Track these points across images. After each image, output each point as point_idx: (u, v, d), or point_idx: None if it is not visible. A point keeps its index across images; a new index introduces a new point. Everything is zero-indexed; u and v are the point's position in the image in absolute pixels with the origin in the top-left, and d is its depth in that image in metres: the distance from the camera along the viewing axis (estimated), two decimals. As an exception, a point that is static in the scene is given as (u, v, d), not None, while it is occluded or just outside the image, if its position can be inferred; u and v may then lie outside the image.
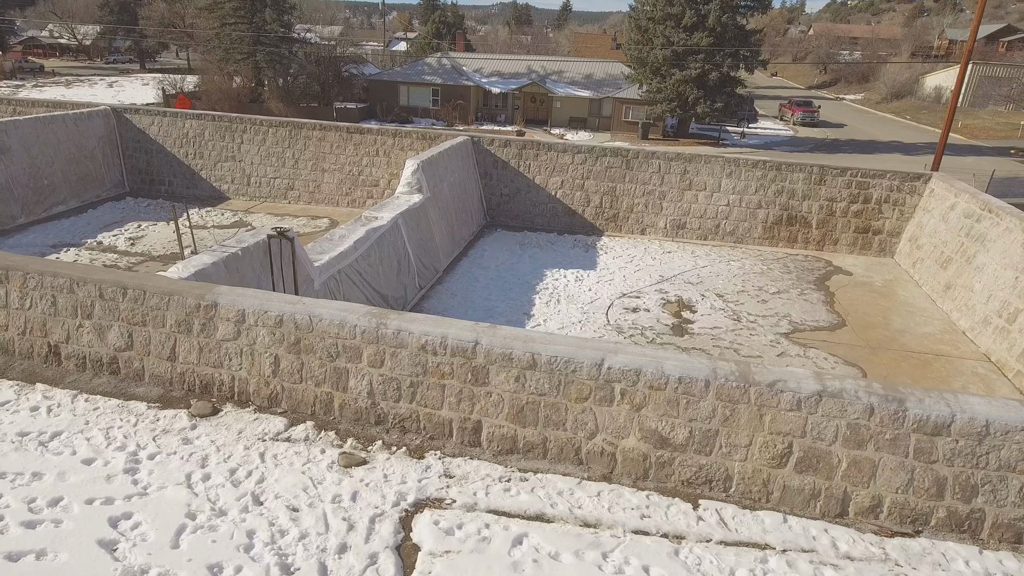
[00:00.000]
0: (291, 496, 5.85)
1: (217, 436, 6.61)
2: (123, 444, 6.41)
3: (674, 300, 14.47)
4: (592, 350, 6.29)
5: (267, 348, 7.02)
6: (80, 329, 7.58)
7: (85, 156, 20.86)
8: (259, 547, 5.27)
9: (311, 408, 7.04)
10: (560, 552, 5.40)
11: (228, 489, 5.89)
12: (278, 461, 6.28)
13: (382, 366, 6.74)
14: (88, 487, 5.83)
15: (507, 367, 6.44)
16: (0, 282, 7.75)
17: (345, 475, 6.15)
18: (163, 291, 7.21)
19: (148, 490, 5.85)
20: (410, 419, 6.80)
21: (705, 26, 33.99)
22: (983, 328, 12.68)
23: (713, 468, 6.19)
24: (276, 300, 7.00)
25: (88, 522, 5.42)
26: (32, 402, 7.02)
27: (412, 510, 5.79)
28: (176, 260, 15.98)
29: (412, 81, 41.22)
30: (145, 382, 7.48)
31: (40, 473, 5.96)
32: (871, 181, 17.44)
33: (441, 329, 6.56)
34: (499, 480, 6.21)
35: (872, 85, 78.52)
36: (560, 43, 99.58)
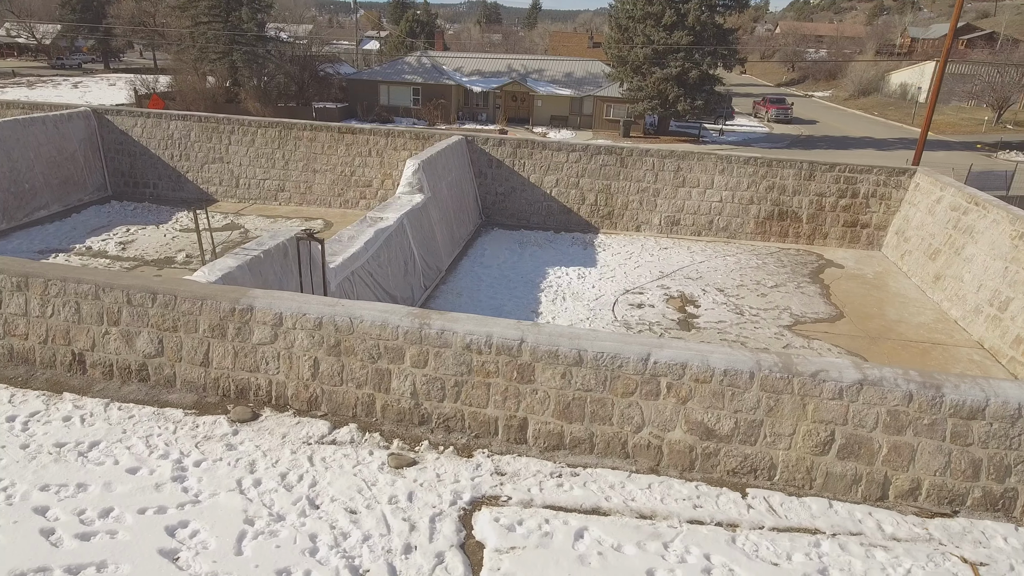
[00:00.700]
0: (347, 499, 5.83)
1: (261, 441, 6.54)
2: (166, 452, 6.30)
3: (677, 295, 14.70)
4: (638, 345, 6.40)
5: (306, 351, 6.96)
6: (106, 336, 7.41)
7: (66, 159, 20.25)
8: (324, 550, 5.25)
9: (352, 410, 7.01)
10: (622, 544, 5.50)
11: (282, 494, 5.85)
12: (328, 464, 6.25)
13: (425, 366, 6.75)
14: (138, 496, 5.72)
15: (553, 364, 6.51)
16: (19, 289, 7.53)
17: (397, 476, 6.15)
18: (195, 296, 7.09)
19: (200, 497, 5.77)
20: (455, 418, 6.82)
21: (685, 24, 34.49)
22: (975, 317, 13.19)
23: (758, 457, 6.36)
24: (314, 303, 6.95)
25: (145, 532, 5.33)
26: (63, 412, 6.85)
27: (469, 508, 5.83)
28: (170, 264, 15.67)
29: (392, 80, 40.92)
30: (177, 388, 7.35)
31: (84, 484, 5.83)
32: (858, 176, 17.96)
33: (486, 328, 6.60)
34: (551, 476, 6.28)
35: (839, 82, 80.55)
36: (535, 41, 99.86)
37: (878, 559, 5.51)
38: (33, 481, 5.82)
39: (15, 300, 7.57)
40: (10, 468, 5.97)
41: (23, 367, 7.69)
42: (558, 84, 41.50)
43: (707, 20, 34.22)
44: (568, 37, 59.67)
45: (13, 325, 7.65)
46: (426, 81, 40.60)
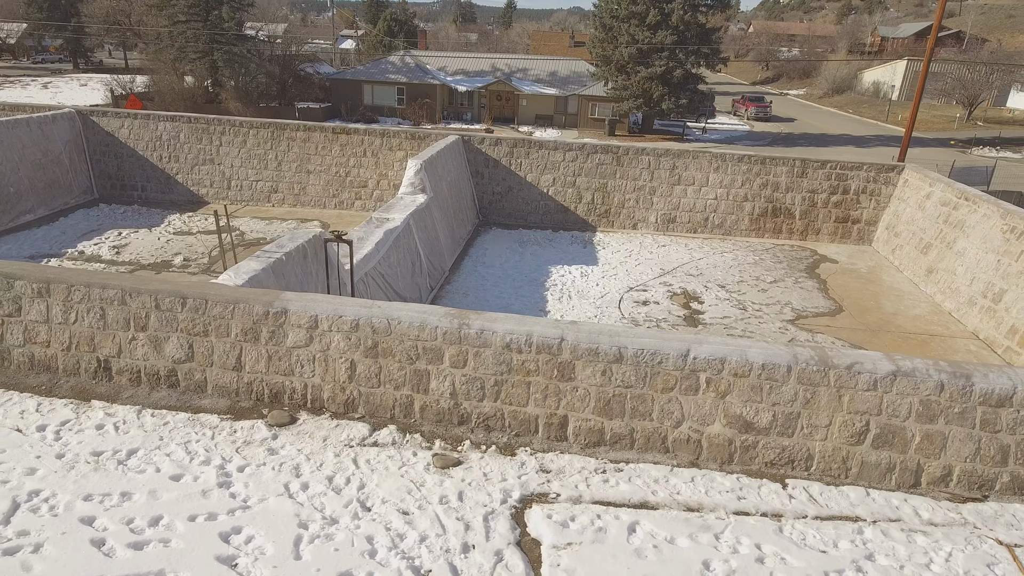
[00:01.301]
0: (397, 500, 5.83)
1: (303, 445, 6.50)
2: (207, 458, 6.22)
3: (680, 292, 14.91)
4: (677, 341, 6.51)
5: (342, 353, 6.93)
6: (133, 342, 7.28)
7: (51, 162, 19.74)
8: (383, 552, 5.26)
9: (391, 412, 7.00)
10: (675, 537, 5.59)
11: (332, 497, 5.82)
12: (373, 466, 6.24)
13: (465, 366, 6.77)
14: (185, 504, 5.65)
15: (593, 362, 6.59)
16: (40, 296, 7.36)
17: (444, 476, 6.17)
18: (227, 299, 7.01)
19: (249, 502, 5.72)
20: (495, 417, 6.85)
21: (669, 24, 34.87)
22: (969, 308, 13.62)
23: (795, 449, 6.52)
24: (350, 304, 6.92)
25: (199, 539, 5.27)
26: (95, 420, 6.72)
27: (520, 506, 5.87)
28: (167, 268, 15.40)
29: (376, 80, 40.63)
30: (208, 394, 7.26)
31: (128, 493, 5.74)
32: (849, 173, 18.39)
33: (526, 327, 6.65)
34: (595, 472, 6.36)
35: (813, 80, 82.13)
36: (514, 40, 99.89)
37: (919, 544, 5.70)
38: (75, 491, 5.71)
39: (36, 307, 7.40)
40: (49, 479, 5.85)
41: (45, 375, 7.51)
42: (543, 83, 41.63)
43: (691, 20, 34.65)
44: (549, 36, 59.83)
45: (34, 332, 7.47)
46: (410, 81, 40.39)
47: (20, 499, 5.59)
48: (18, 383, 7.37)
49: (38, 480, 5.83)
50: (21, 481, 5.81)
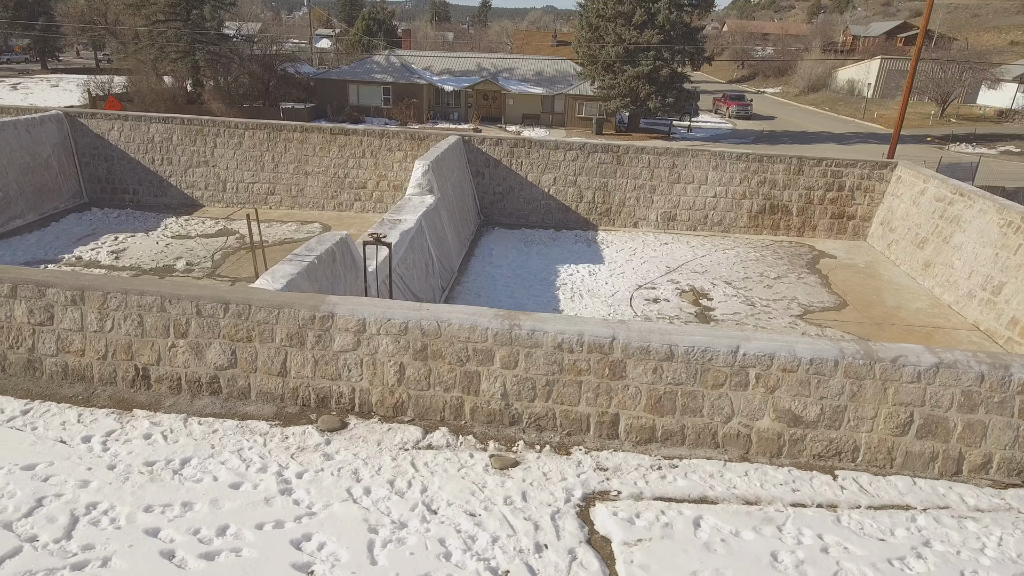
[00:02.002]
0: (462, 502, 5.84)
1: (357, 449, 6.46)
2: (263, 465, 6.15)
3: (688, 289, 15.09)
4: (727, 338, 6.62)
5: (391, 356, 6.90)
6: (173, 349, 7.15)
7: (40, 165, 19.21)
8: (457, 554, 5.26)
9: (440, 414, 6.99)
10: (739, 530, 5.70)
11: (396, 501, 5.81)
12: (432, 469, 6.23)
13: (516, 367, 6.80)
14: (250, 512, 5.59)
15: (645, 360, 6.66)
16: (74, 304, 7.19)
17: (504, 477, 6.19)
18: (271, 304, 6.93)
19: (314, 509, 5.68)
20: (546, 417, 6.89)
21: (655, 23, 35.19)
22: (968, 301, 14.04)
23: (842, 441, 6.68)
24: (398, 307, 6.90)
25: (271, 547, 5.21)
26: (140, 429, 6.59)
27: (583, 504, 5.93)
28: (170, 272, 15.11)
29: (362, 80, 40.27)
30: (252, 400, 7.17)
31: (189, 503, 5.65)
32: (844, 170, 18.80)
33: (576, 327, 6.70)
34: (651, 468, 6.44)
35: (789, 78, 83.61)
36: (492, 39, 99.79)
37: (970, 530, 5.89)
38: (134, 503, 5.60)
39: (69, 315, 7.23)
40: (104, 491, 5.73)
41: (80, 384, 7.34)
42: (529, 83, 41.69)
43: (676, 19, 35.01)
44: (532, 35, 59.95)
45: (68, 341, 7.30)
46: (397, 80, 40.12)
47: (78, 512, 5.48)
48: (53, 393, 7.19)
49: (93, 492, 5.71)
50: (76, 494, 5.68)
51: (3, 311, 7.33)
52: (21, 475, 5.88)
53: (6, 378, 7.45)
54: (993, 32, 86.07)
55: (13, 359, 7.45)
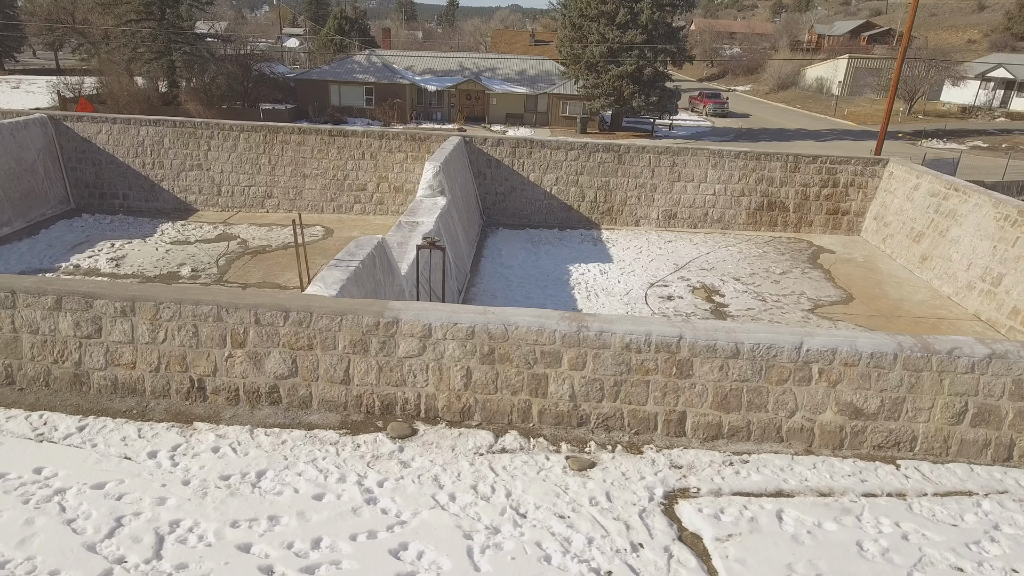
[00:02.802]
0: (549, 504, 5.85)
1: (433, 455, 6.42)
2: (342, 475, 6.07)
3: (699, 286, 15.34)
4: (790, 335, 6.77)
5: (457, 361, 6.87)
6: (230, 360, 7.00)
7: (25, 170, 18.51)
8: (557, 557, 5.28)
9: (508, 417, 6.99)
10: (821, 521, 5.84)
11: (484, 506, 5.79)
12: (511, 473, 6.23)
13: (584, 368, 6.84)
14: (340, 523, 5.51)
15: (711, 358, 6.77)
16: (124, 315, 6.98)
17: (584, 478, 6.23)
18: (334, 311, 6.84)
19: (403, 517, 5.63)
20: (614, 417, 6.95)
21: (638, 23, 35.57)
22: (968, 292, 14.58)
23: (901, 431, 6.90)
24: (464, 312, 6.87)
25: (370, 558, 5.16)
26: (207, 443, 6.43)
27: (666, 502, 6.00)
28: (176, 279, 14.73)
29: (343, 80, 39.76)
30: (314, 409, 7.06)
31: (276, 516, 5.55)
32: (838, 167, 19.31)
33: (644, 327, 6.77)
34: (723, 464, 6.55)
35: (758, 77, 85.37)
36: (464, 38, 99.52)
37: (1033, 512, 6.14)
38: (219, 518, 5.48)
39: (119, 327, 7.01)
40: (185, 507, 5.59)
41: (132, 398, 7.13)
42: (512, 82, 41.72)
43: (659, 19, 35.47)
44: (510, 35, 59.97)
45: (117, 354, 7.08)
46: (379, 80, 39.71)
47: (163, 531, 5.33)
48: (105, 408, 6.97)
49: (173, 509, 5.56)
50: (155, 512, 5.53)
51: (47, 324, 7.07)
52: (92, 494, 5.69)
53: (51, 394, 7.19)
54: (950, 31, 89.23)
55: (58, 374, 7.19)
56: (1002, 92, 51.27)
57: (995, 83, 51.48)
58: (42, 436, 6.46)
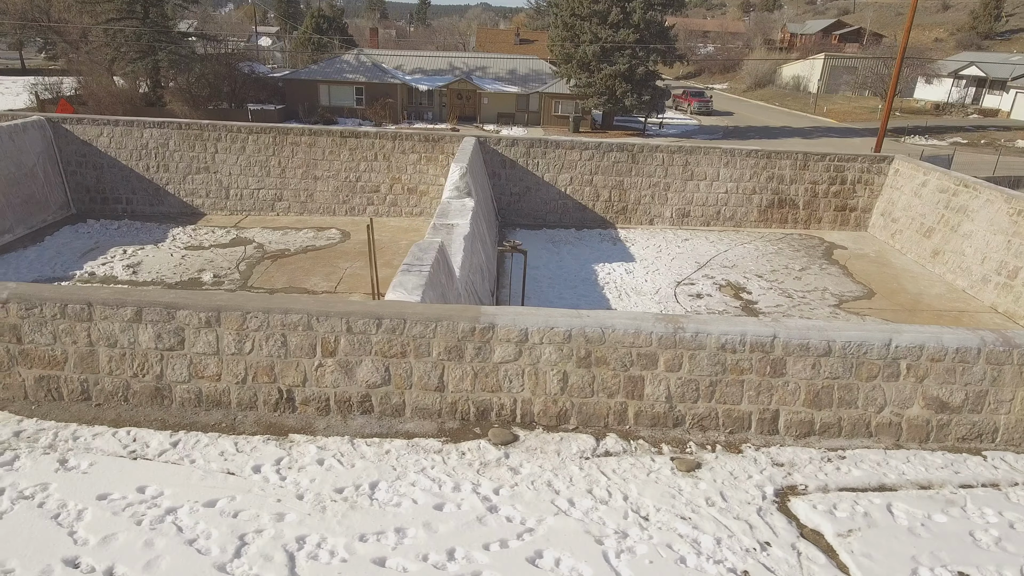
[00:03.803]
0: (668, 506, 5.88)
1: (541, 461, 6.40)
2: (456, 484, 6.01)
3: (725, 284, 15.53)
4: (879, 332, 6.92)
5: (553, 365, 6.86)
6: (320, 369, 6.87)
7: (26, 175, 17.85)
8: (692, 559, 5.31)
9: (604, 420, 7.00)
10: (931, 514, 5.99)
11: (605, 510, 5.80)
12: (623, 476, 6.25)
13: (679, 369, 6.88)
14: (468, 533, 5.46)
15: (803, 356, 6.88)
16: (208, 326, 6.80)
17: (694, 479, 6.28)
18: (428, 318, 6.76)
19: (528, 524, 5.60)
20: (708, 417, 7.01)
21: (630, 23, 35.82)
22: (983, 286, 15.05)
23: (983, 423, 7.10)
24: (560, 316, 6.86)
25: (509, 568, 5.12)
26: (310, 455, 6.30)
27: (778, 500, 6.08)
28: (199, 285, 14.39)
29: (333, 80, 39.21)
30: (408, 417, 6.97)
31: (402, 528, 5.47)
32: (846, 164, 19.74)
33: (739, 328, 6.85)
34: (823, 461, 6.66)
35: (734, 75, 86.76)
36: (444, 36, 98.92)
37: (1121, 498, 6.39)
38: (345, 533, 5.38)
39: (203, 338, 6.83)
40: (307, 522, 5.47)
41: (218, 411, 6.95)
42: (503, 81, 41.65)
43: (651, 19, 35.77)
44: (495, 33, 59.86)
45: (201, 366, 6.89)
46: (370, 80, 39.26)
47: (290, 548, 5.21)
48: (192, 422, 6.78)
49: (295, 525, 5.44)
50: (278, 528, 5.40)
51: (126, 337, 6.85)
52: (206, 512, 5.54)
53: (130, 408, 6.96)
54: (917, 29, 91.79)
55: (138, 388, 6.97)
56: (973, 89, 52.97)
57: (967, 81, 53.18)
58: (135, 453, 6.26)
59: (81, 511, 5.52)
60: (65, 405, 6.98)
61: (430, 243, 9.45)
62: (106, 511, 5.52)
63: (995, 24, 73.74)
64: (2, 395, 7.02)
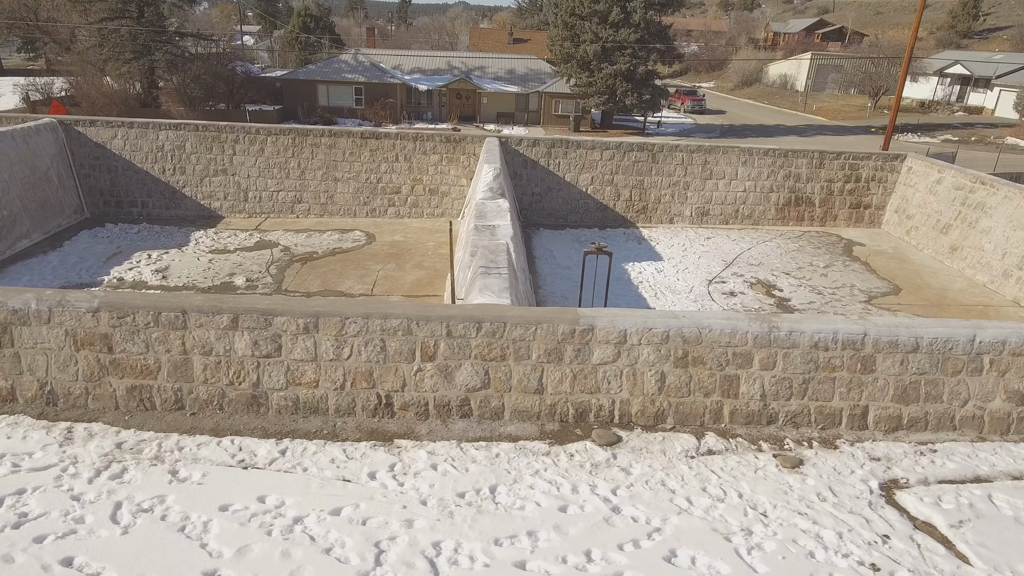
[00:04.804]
0: (782, 503, 5.99)
1: (650, 461, 6.47)
2: (573, 486, 6.07)
3: (755, 281, 15.75)
4: (964, 328, 7.11)
5: (651, 366, 6.94)
6: (419, 373, 6.87)
7: (40, 179, 17.46)
8: (820, 553, 5.43)
9: (700, 419, 7.10)
10: (1032, 504, 6.18)
11: (724, 508, 5.89)
12: (732, 474, 6.35)
13: (774, 368, 7.01)
14: (599, 534, 5.51)
15: (892, 353, 7.05)
16: (306, 332, 6.76)
17: (799, 475, 6.40)
18: (528, 321, 6.80)
19: (654, 523, 5.67)
20: (801, 414, 7.15)
21: (630, 22, 36.05)
22: (1004, 280, 15.46)
23: (1062, 415, 7.33)
24: (657, 317, 6.94)
25: (649, 568, 5.18)
26: (422, 460, 6.31)
27: (884, 494, 6.23)
28: (233, 289, 14.22)
29: (332, 80, 38.88)
30: (506, 420, 7.00)
31: (533, 532, 5.51)
32: (860, 163, 20.12)
33: (831, 326, 6.99)
34: (916, 455, 6.83)
35: (721, 73, 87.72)
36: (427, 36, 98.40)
37: None
38: (479, 537, 5.40)
39: (300, 344, 6.79)
40: (438, 528, 5.49)
41: (316, 418, 6.91)
42: (502, 81, 41.65)
43: (652, 18, 36.04)
44: (488, 33, 59.79)
45: (299, 373, 6.85)
46: (369, 80, 39.00)
47: (429, 554, 5.23)
48: (293, 429, 6.73)
49: (427, 531, 5.45)
50: (412, 535, 5.40)
51: (222, 345, 6.78)
52: (335, 521, 5.52)
53: (226, 417, 6.90)
54: (897, 28, 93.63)
55: (233, 396, 6.91)
56: (958, 87, 54.21)
57: (951, 79, 54.40)
58: (244, 462, 6.21)
59: (206, 523, 5.47)
60: (159, 415, 6.89)
61: (498, 246, 9.47)
62: (232, 522, 5.48)
63: (973, 23, 75.54)
64: (93, 406, 6.92)
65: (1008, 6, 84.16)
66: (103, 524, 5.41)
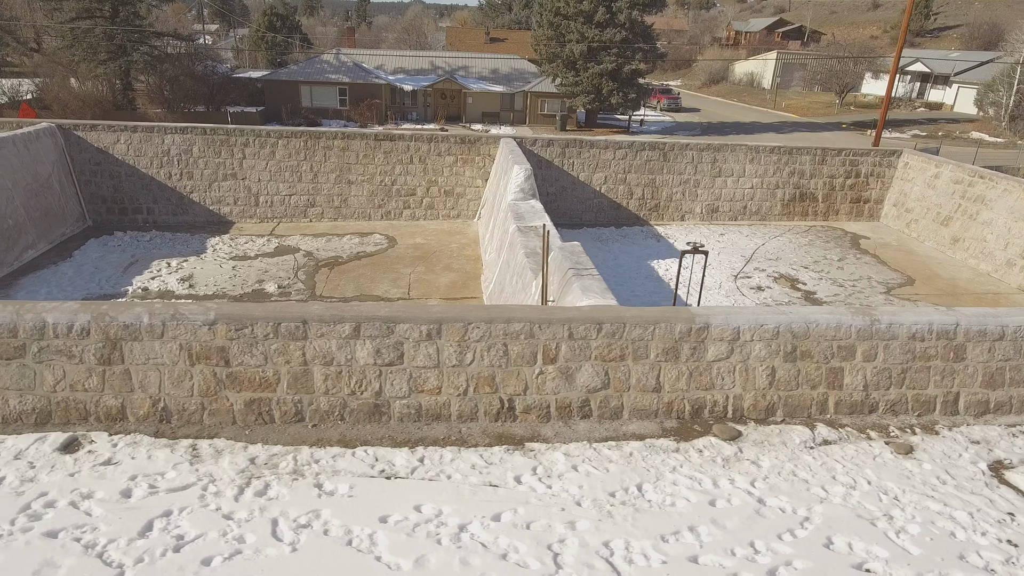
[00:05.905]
0: (909, 488, 6.29)
1: (775, 453, 6.69)
2: (713, 480, 6.23)
3: (778, 276, 16.25)
4: (1045, 316, 7.57)
5: (762, 361, 7.17)
6: (541, 376, 6.94)
7: (42, 186, 16.74)
8: (961, 533, 5.72)
9: (807, 411, 7.36)
10: None
11: (858, 495, 6.14)
12: (855, 463, 6.62)
13: (875, 359, 7.32)
14: (754, 527, 5.69)
15: (981, 342, 7.45)
16: (429, 339, 6.75)
17: (915, 461, 6.71)
18: (646, 321, 6.94)
19: (800, 513, 5.88)
20: (899, 403, 7.49)
21: (616, 22, 36.51)
22: (1008, 269, 16.35)
23: None
24: (767, 313, 7.17)
25: (812, 555, 5.39)
26: (560, 462, 6.38)
27: (995, 474, 6.60)
28: (266, 297, 13.96)
29: (315, 81, 38.18)
30: (626, 419, 7.12)
31: (694, 527, 5.64)
32: (860, 159, 20.93)
33: (926, 318, 7.34)
34: (1011, 436, 7.24)
35: (687, 71, 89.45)
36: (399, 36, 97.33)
37: None
38: (644, 535, 5.51)
39: (423, 351, 6.78)
40: (603, 528, 5.58)
41: (439, 424, 6.90)
42: (487, 81, 41.63)
43: (636, 18, 36.57)
44: (465, 32, 59.57)
45: (421, 380, 6.83)
46: (353, 81, 38.44)
47: (603, 553, 5.32)
48: (420, 437, 6.71)
49: (591, 532, 5.53)
50: (580, 537, 5.48)
51: (343, 354, 6.72)
52: (499, 527, 5.55)
53: (348, 427, 6.83)
54: (851, 27, 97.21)
55: (355, 406, 6.84)
56: (918, 84, 56.68)
57: (911, 76, 56.83)
58: (384, 472, 6.17)
59: (372, 535, 5.43)
60: (279, 428, 6.77)
61: (572, 246, 9.57)
62: (398, 533, 5.46)
63: (925, 21, 79.03)
64: (209, 421, 6.75)
65: (955, 5, 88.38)
66: (267, 542, 5.32)
